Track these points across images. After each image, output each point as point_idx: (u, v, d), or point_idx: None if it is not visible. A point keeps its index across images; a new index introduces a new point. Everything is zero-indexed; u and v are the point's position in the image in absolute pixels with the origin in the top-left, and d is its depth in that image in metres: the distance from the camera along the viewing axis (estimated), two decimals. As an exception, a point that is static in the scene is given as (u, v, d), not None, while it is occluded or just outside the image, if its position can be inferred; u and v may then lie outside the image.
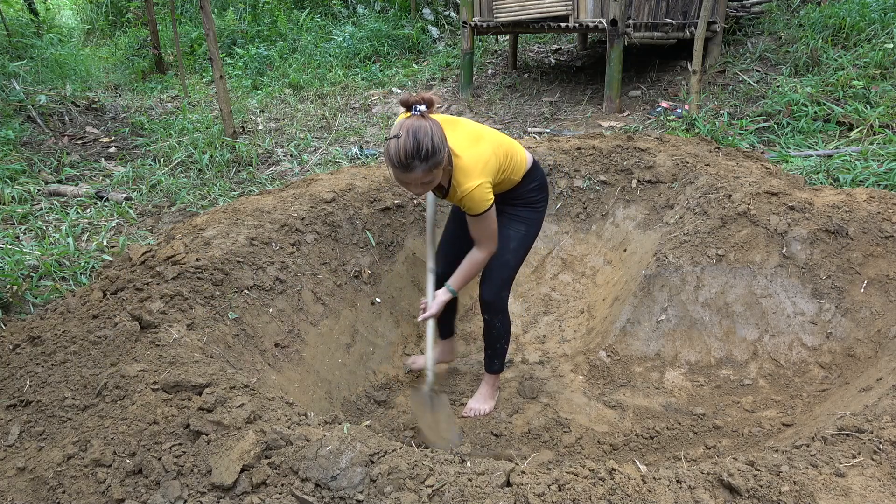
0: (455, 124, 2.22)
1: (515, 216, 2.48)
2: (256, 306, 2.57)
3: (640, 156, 3.76)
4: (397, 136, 1.93)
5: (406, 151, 1.91)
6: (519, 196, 2.47)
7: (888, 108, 4.58)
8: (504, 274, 2.49)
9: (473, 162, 2.12)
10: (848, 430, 1.71)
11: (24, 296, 2.83)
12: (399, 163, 1.94)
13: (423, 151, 1.92)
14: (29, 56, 7.57)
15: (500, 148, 2.27)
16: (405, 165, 1.94)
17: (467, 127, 2.25)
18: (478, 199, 2.14)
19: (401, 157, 1.92)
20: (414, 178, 1.99)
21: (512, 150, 2.36)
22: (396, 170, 1.98)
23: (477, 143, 2.19)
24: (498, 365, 2.71)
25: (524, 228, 2.49)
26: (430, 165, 1.96)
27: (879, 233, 2.78)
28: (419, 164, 1.94)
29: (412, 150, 1.91)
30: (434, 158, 1.96)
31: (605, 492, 1.47)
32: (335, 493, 1.48)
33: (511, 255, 2.48)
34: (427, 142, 1.93)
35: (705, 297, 2.93)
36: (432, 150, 1.94)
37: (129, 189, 4.48)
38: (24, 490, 1.55)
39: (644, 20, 6.19)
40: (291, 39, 9.12)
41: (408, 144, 1.91)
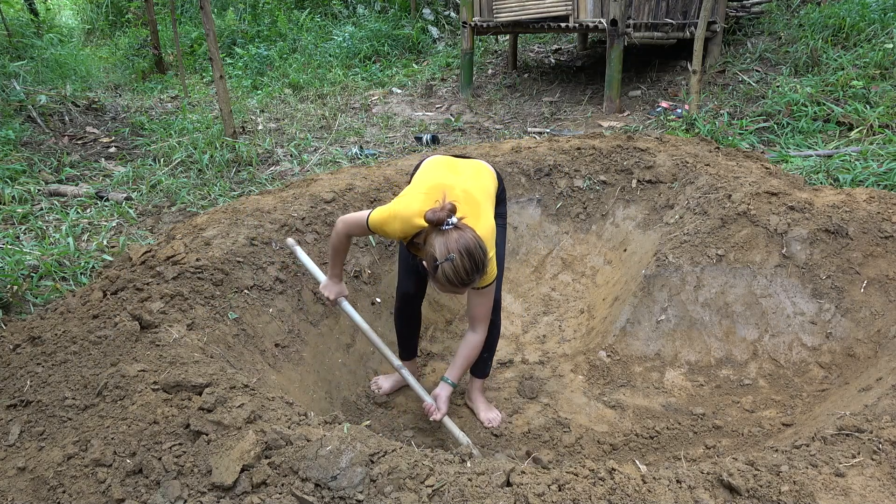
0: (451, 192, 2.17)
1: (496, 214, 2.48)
2: (256, 306, 2.57)
3: (640, 156, 3.76)
4: (450, 259, 1.93)
5: (466, 271, 1.94)
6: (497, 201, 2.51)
7: (888, 108, 4.59)
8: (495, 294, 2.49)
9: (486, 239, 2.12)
10: (848, 430, 1.71)
11: (25, 296, 2.83)
12: (461, 282, 1.96)
13: (480, 263, 1.97)
14: (29, 56, 7.57)
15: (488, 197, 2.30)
16: (467, 283, 1.98)
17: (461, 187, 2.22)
18: (490, 273, 2.17)
19: (462, 277, 1.95)
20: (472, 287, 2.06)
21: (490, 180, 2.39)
22: (457, 287, 2.00)
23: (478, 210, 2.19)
24: (489, 368, 2.73)
25: (502, 222, 2.54)
26: (485, 272, 2.02)
27: (879, 233, 2.78)
28: (478, 277, 1.99)
29: (470, 267, 1.95)
30: (486, 263, 2.01)
31: (605, 492, 1.47)
32: (335, 493, 1.48)
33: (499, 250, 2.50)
34: (479, 254, 1.96)
35: (705, 297, 2.93)
36: (485, 258, 1.99)
37: (129, 189, 4.48)
38: (25, 490, 1.55)
39: (644, 20, 6.19)
40: (291, 39, 9.12)
41: (465, 263, 1.93)
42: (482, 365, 2.70)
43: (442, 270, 1.93)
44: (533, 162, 3.88)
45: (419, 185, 2.25)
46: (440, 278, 1.96)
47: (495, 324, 2.61)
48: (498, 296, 2.55)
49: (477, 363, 2.70)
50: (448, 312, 3.44)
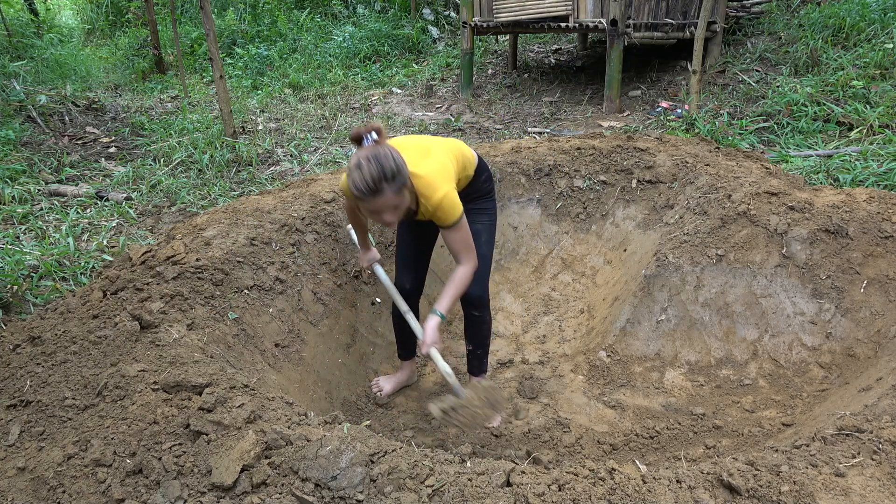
0: (402, 144, 2.24)
1: (477, 210, 2.53)
2: (256, 306, 2.57)
3: (640, 156, 3.76)
4: (358, 166, 1.94)
5: (372, 176, 1.92)
6: (475, 190, 2.52)
7: (888, 108, 4.59)
8: (483, 267, 2.52)
9: (433, 173, 2.16)
10: (848, 430, 1.71)
11: (24, 296, 2.83)
12: (368, 189, 1.94)
13: (389, 172, 1.94)
14: (29, 56, 7.57)
15: (450, 153, 2.32)
16: (375, 190, 1.95)
17: (413, 143, 2.29)
18: (449, 206, 2.15)
19: (368, 183, 1.93)
20: (384, 202, 1.99)
21: (461, 150, 2.41)
22: (367, 198, 1.97)
23: (428, 155, 2.23)
24: (486, 364, 2.74)
25: (487, 219, 2.55)
26: (398, 185, 1.98)
27: (879, 233, 2.78)
28: (387, 186, 1.96)
29: (378, 173, 1.93)
30: (400, 177, 1.98)
31: (605, 492, 1.47)
32: (335, 493, 1.48)
33: (485, 247, 2.53)
34: (389, 163, 1.95)
35: (705, 297, 2.93)
36: (396, 168, 1.96)
37: (129, 189, 4.48)
38: (24, 490, 1.55)
39: (644, 20, 6.19)
40: (291, 39, 9.12)
41: (372, 170, 1.92)
42: (476, 363, 2.71)
43: (351, 180, 1.94)
44: (533, 162, 3.88)
45: None
46: (352, 188, 1.96)
47: (485, 321, 2.62)
48: (484, 293, 2.56)
49: (471, 361, 2.72)
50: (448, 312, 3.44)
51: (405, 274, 2.63)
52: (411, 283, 2.63)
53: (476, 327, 2.63)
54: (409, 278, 2.62)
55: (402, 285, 2.62)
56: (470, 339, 2.67)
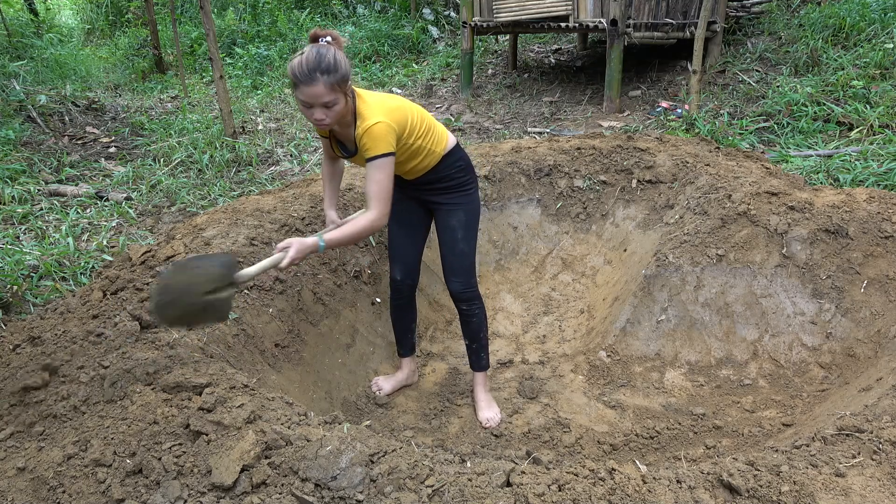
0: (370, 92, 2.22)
1: (451, 205, 2.47)
2: (256, 306, 2.57)
3: (640, 156, 3.76)
4: (301, 53, 1.95)
5: (308, 63, 1.92)
6: (446, 178, 2.43)
7: (888, 108, 4.58)
8: (464, 262, 2.50)
9: (378, 103, 2.12)
10: (848, 430, 1.71)
11: (24, 296, 2.83)
12: (302, 74, 1.93)
13: (325, 64, 1.93)
14: (29, 56, 7.57)
15: (414, 110, 2.26)
16: (308, 78, 1.93)
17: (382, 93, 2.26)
18: (377, 136, 2.05)
19: (303, 67, 1.92)
20: (315, 92, 1.94)
21: (431, 121, 2.36)
22: (300, 85, 1.95)
23: (385, 96, 2.20)
24: (485, 359, 2.71)
25: (463, 215, 2.48)
26: (332, 80, 1.95)
27: (879, 233, 2.78)
28: (321, 77, 1.93)
29: (314, 62, 1.92)
30: (336, 74, 1.95)
31: (605, 492, 1.47)
32: (335, 493, 1.48)
33: (462, 243, 2.49)
34: (329, 56, 1.94)
35: (705, 297, 2.93)
36: (334, 64, 1.95)
37: (129, 189, 4.48)
38: (24, 490, 1.55)
39: (644, 20, 6.19)
40: (291, 39, 9.12)
41: (310, 57, 1.93)
42: (474, 357, 2.70)
43: (290, 64, 1.95)
44: (533, 162, 3.88)
45: None
46: (289, 72, 1.96)
47: (474, 313, 2.59)
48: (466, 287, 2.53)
49: (469, 357, 2.72)
50: (448, 312, 3.44)
51: (396, 265, 2.65)
52: (402, 275, 2.64)
53: (466, 320, 2.62)
54: (400, 270, 2.64)
55: (393, 276, 2.65)
56: (464, 335, 2.68)
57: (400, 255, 2.64)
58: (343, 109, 2.05)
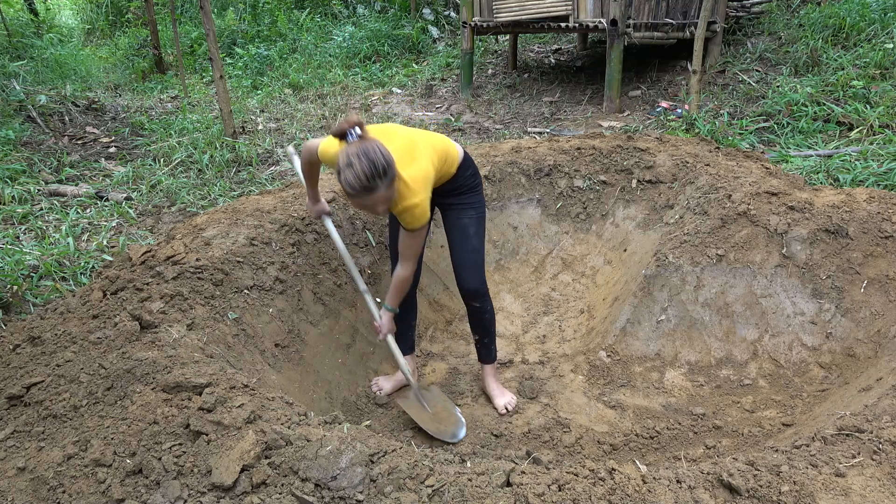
0: (388, 135, 2.23)
1: (463, 204, 2.56)
2: (256, 306, 2.57)
3: (640, 156, 3.76)
4: (349, 164, 1.94)
5: (366, 174, 1.93)
6: (460, 185, 2.53)
7: (888, 108, 4.58)
8: (477, 259, 2.59)
9: (415, 179, 2.16)
10: (848, 430, 1.71)
11: (24, 296, 2.83)
12: (362, 187, 1.95)
13: (381, 168, 1.95)
14: (29, 56, 7.57)
15: (435, 153, 2.32)
16: (369, 188, 1.96)
17: (401, 135, 2.27)
18: (417, 216, 2.19)
19: (362, 181, 1.94)
20: (378, 197, 2.01)
21: (445, 148, 2.41)
22: (360, 195, 1.99)
23: (413, 154, 2.22)
24: (494, 353, 2.79)
25: (474, 212, 2.58)
26: (389, 180, 2.00)
27: (879, 233, 2.78)
28: (381, 183, 1.97)
29: (370, 171, 1.93)
30: (391, 172, 2.00)
31: (605, 492, 1.47)
32: (335, 493, 1.48)
33: (475, 239, 2.57)
34: (380, 159, 1.96)
35: (705, 297, 2.93)
36: (387, 164, 1.98)
37: (129, 189, 4.48)
38: (24, 490, 1.55)
39: (644, 20, 6.19)
40: (291, 39, 9.12)
41: (364, 167, 1.93)
42: (485, 351, 2.77)
43: (344, 178, 1.95)
44: (533, 162, 3.88)
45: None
46: (345, 186, 1.97)
47: (485, 310, 2.67)
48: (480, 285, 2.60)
49: (479, 350, 2.78)
50: (448, 312, 3.44)
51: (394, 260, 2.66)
52: None
53: (478, 317, 2.69)
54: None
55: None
56: (474, 330, 2.74)
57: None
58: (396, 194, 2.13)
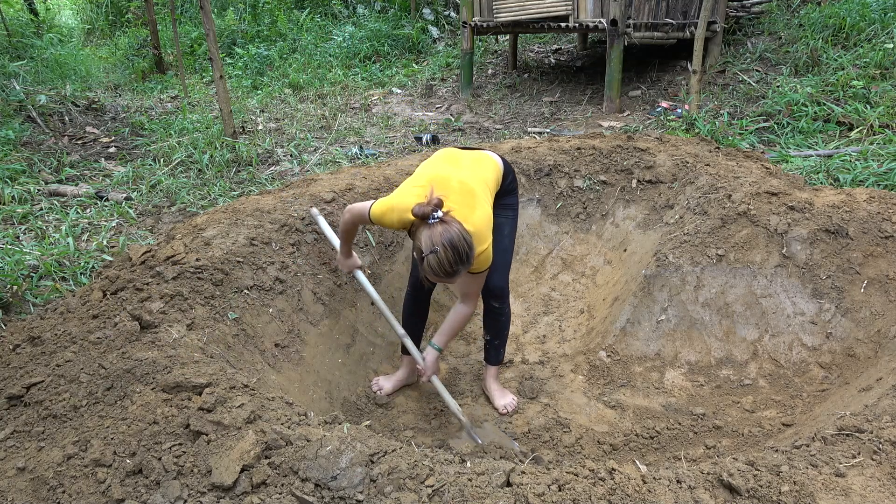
0: (446, 186, 2.24)
1: (502, 205, 2.60)
2: (256, 306, 2.57)
3: (640, 156, 3.76)
4: (434, 252, 2.00)
5: (450, 263, 2.00)
6: (502, 191, 2.60)
7: (888, 108, 4.58)
8: (507, 259, 2.64)
9: (480, 228, 2.20)
10: (848, 430, 1.71)
11: (24, 296, 2.83)
12: (446, 273, 2.03)
13: (464, 256, 2.02)
14: (29, 56, 7.57)
15: (488, 190, 2.37)
16: (451, 273, 2.03)
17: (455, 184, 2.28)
18: (484, 260, 2.25)
19: (446, 269, 2.01)
20: (459, 279, 2.13)
21: (495, 171, 2.48)
22: (442, 278, 2.07)
23: (473, 203, 2.25)
24: (502, 355, 2.80)
25: (512, 213, 2.65)
26: (470, 264, 2.07)
27: (879, 233, 2.78)
28: (463, 268, 2.05)
29: (454, 259, 2.00)
30: (472, 256, 2.05)
31: (605, 492, 1.47)
32: (335, 493, 1.48)
33: (507, 239, 2.62)
34: (464, 247, 2.01)
35: (705, 297, 2.93)
36: (470, 251, 2.04)
37: (129, 189, 4.48)
38: (24, 490, 1.55)
39: (644, 20, 6.19)
40: (291, 39, 9.12)
41: (449, 256, 1.99)
42: (494, 352, 2.77)
43: (427, 262, 2.02)
44: (533, 162, 3.88)
45: (417, 179, 2.34)
46: (427, 270, 2.04)
47: (504, 312, 2.69)
48: (505, 284, 2.64)
49: (488, 350, 2.79)
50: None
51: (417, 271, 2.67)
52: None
53: (494, 318, 2.70)
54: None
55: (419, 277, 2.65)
56: (488, 330, 2.75)
57: None
58: None
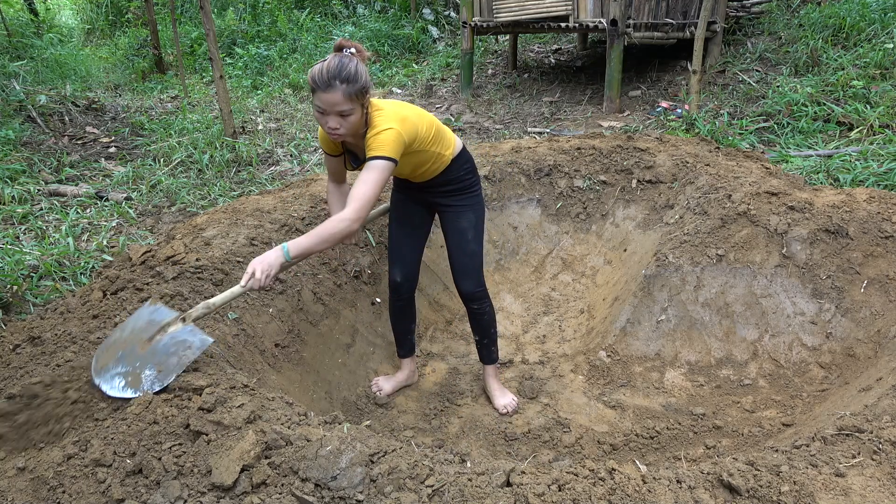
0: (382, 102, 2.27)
1: (460, 207, 2.51)
2: (256, 306, 2.57)
3: (640, 156, 3.76)
4: (323, 61, 2.01)
5: (329, 70, 1.97)
6: (455, 180, 2.47)
7: (888, 108, 4.58)
8: (475, 263, 2.55)
9: (392, 112, 2.16)
10: (848, 430, 1.71)
11: (24, 296, 2.83)
12: (321, 80, 1.97)
13: (346, 73, 1.98)
14: (29, 56, 7.56)
15: (424, 119, 2.30)
16: (327, 84, 1.97)
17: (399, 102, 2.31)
18: (384, 140, 2.06)
19: (323, 74, 1.97)
20: (333, 100, 1.98)
21: (440, 127, 2.40)
22: (318, 91, 1.99)
23: (400, 105, 2.25)
24: (495, 354, 2.76)
25: (472, 215, 2.53)
26: (350, 90, 1.99)
27: (879, 233, 2.78)
28: (339, 85, 1.98)
29: (335, 70, 1.97)
30: (355, 84, 2.00)
31: (605, 492, 1.47)
32: (335, 493, 1.48)
33: (473, 243, 2.53)
34: (351, 66, 1.99)
35: (705, 297, 2.93)
36: (355, 74, 1.99)
37: (129, 189, 4.48)
38: (24, 490, 1.55)
39: (644, 20, 6.19)
40: (291, 39, 9.12)
41: (332, 65, 1.98)
42: (485, 352, 2.75)
43: (311, 70, 2.01)
44: (533, 162, 3.88)
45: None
46: (309, 79, 2.01)
47: (484, 311, 2.64)
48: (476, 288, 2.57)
49: (480, 351, 2.77)
50: (448, 312, 3.44)
51: (396, 267, 2.66)
52: (401, 277, 2.65)
53: (476, 318, 2.67)
54: (399, 272, 2.65)
55: (393, 278, 2.67)
56: (474, 331, 2.73)
57: (400, 256, 2.65)
58: (358, 121, 2.08)
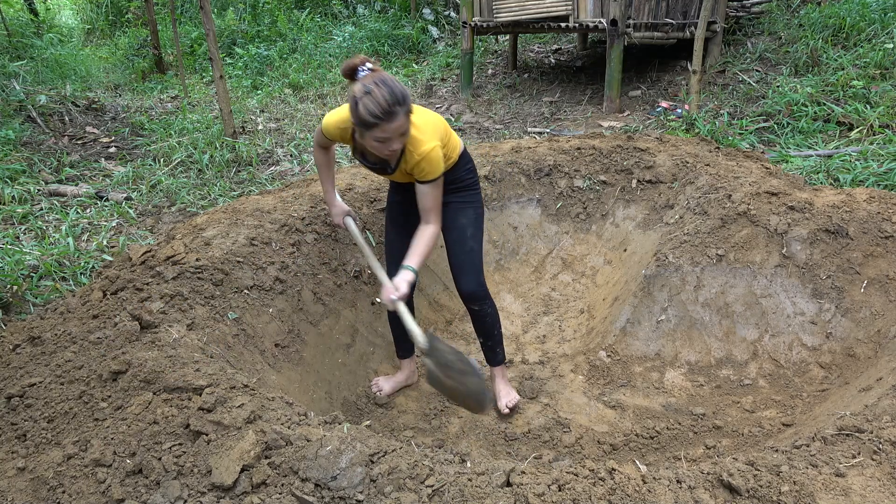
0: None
1: (461, 203, 2.50)
2: (256, 306, 2.57)
3: (640, 156, 3.76)
4: (368, 91, 1.88)
5: (386, 100, 1.88)
6: (457, 179, 2.47)
7: (888, 108, 4.58)
8: (475, 260, 2.53)
9: (426, 125, 2.13)
10: (848, 430, 1.71)
11: (24, 296, 2.83)
12: (384, 112, 1.89)
13: (400, 94, 1.92)
14: (29, 56, 7.56)
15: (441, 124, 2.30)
16: (390, 113, 1.90)
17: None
18: (435, 161, 2.10)
19: (383, 106, 1.88)
20: (397, 127, 1.94)
21: (449, 129, 2.39)
22: (381, 123, 1.92)
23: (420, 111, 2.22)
24: (501, 354, 2.73)
25: (472, 212, 2.52)
26: (407, 109, 1.95)
27: (879, 233, 2.78)
28: (400, 109, 1.92)
29: (391, 97, 1.89)
30: (409, 101, 1.96)
31: (605, 492, 1.47)
32: (335, 493, 1.48)
33: (472, 241, 2.51)
34: (398, 86, 1.92)
35: (705, 297, 2.93)
36: (402, 91, 1.94)
37: (129, 189, 4.48)
38: (24, 490, 1.55)
39: (644, 20, 6.19)
40: (291, 39, 9.12)
41: (385, 93, 1.88)
42: (490, 353, 2.73)
43: (364, 106, 1.88)
44: (533, 162, 3.88)
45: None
46: (364, 116, 1.89)
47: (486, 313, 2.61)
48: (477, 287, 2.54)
49: (485, 353, 2.75)
50: (448, 312, 3.44)
51: (393, 267, 2.64)
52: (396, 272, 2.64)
53: (480, 321, 2.65)
54: (396, 267, 2.63)
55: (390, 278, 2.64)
56: (478, 333, 2.70)
57: (397, 257, 2.63)
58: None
